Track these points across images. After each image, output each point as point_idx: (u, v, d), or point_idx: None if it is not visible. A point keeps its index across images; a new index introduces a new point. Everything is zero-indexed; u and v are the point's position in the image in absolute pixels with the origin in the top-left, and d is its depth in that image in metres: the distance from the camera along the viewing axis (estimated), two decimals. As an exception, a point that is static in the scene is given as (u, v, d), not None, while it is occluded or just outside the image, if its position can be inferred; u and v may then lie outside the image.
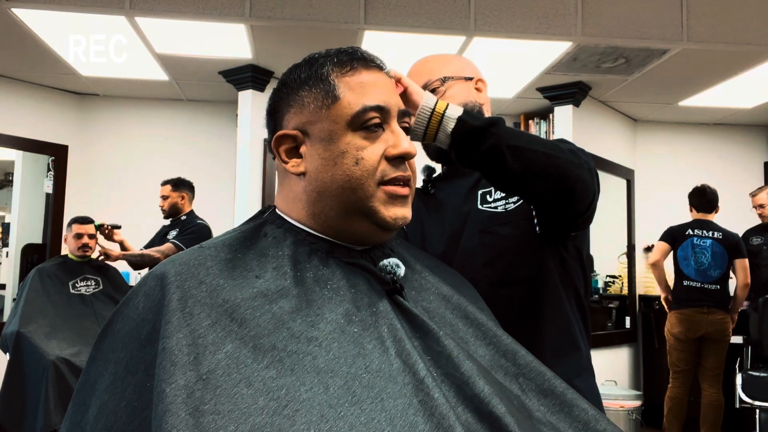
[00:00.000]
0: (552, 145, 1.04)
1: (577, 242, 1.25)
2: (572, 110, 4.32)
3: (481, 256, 1.20)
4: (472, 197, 1.26)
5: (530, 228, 1.18)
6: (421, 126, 1.03)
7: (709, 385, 3.96)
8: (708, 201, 4.08)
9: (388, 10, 3.25)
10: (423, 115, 1.02)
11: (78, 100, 4.75)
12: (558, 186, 1.02)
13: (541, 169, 1.00)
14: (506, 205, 1.21)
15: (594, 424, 0.79)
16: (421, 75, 1.27)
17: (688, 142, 5.15)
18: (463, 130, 1.00)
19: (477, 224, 1.22)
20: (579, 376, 1.17)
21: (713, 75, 3.94)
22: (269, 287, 0.75)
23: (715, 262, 3.96)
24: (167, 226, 3.97)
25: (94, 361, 0.77)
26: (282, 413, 0.63)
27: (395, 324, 0.77)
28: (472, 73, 1.31)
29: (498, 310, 1.03)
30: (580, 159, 1.06)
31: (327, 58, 0.87)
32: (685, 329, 3.94)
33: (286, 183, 0.89)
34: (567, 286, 1.22)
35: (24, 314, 3.23)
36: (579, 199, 1.07)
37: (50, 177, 4.64)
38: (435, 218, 1.31)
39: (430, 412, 0.68)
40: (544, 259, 1.19)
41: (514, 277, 1.19)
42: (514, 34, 3.30)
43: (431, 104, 1.02)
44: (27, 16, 3.24)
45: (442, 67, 1.29)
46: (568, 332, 1.20)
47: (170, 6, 3.15)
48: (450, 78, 1.26)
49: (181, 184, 3.94)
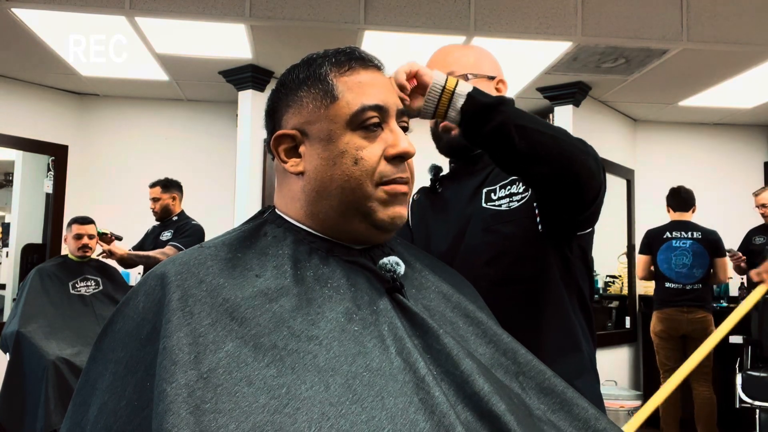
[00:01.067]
0: (560, 130, 1.04)
1: (583, 242, 1.24)
2: (572, 110, 4.32)
3: (483, 254, 1.19)
4: (477, 196, 1.25)
5: (533, 227, 1.17)
6: (431, 103, 1.02)
7: (698, 383, 4.02)
8: (684, 200, 4.14)
9: (388, 10, 3.25)
10: (434, 92, 1.01)
11: (78, 100, 4.75)
12: (562, 169, 1.02)
13: (546, 150, 1.00)
14: (510, 204, 1.20)
15: (594, 423, 0.79)
16: (444, 65, 1.25)
17: (688, 142, 5.15)
18: (473, 106, 1.00)
19: (480, 222, 1.22)
20: (580, 377, 1.16)
21: (713, 75, 3.94)
22: (269, 286, 0.75)
23: (697, 262, 4.03)
24: (158, 227, 3.98)
25: (95, 360, 0.77)
26: (283, 412, 0.64)
27: (395, 322, 0.77)
28: (495, 72, 1.30)
29: (499, 309, 1.02)
30: (586, 147, 1.06)
31: (325, 58, 0.87)
32: (666, 328, 4.05)
33: (285, 183, 0.89)
34: (570, 286, 1.21)
35: (24, 314, 3.23)
36: (583, 186, 1.05)
37: (50, 177, 4.65)
38: (441, 217, 1.30)
39: (430, 411, 0.68)
40: (546, 258, 1.18)
41: (516, 276, 1.18)
42: (514, 34, 3.30)
43: (441, 81, 1.01)
44: (27, 16, 3.24)
45: (465, 62, 1.28)
46: (570, 333, 1.19)
47: (170, 6, 3.15)
48: (473, 75, 1.25)
49: (170, 185, 3.94)
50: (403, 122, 0.90)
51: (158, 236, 3.91)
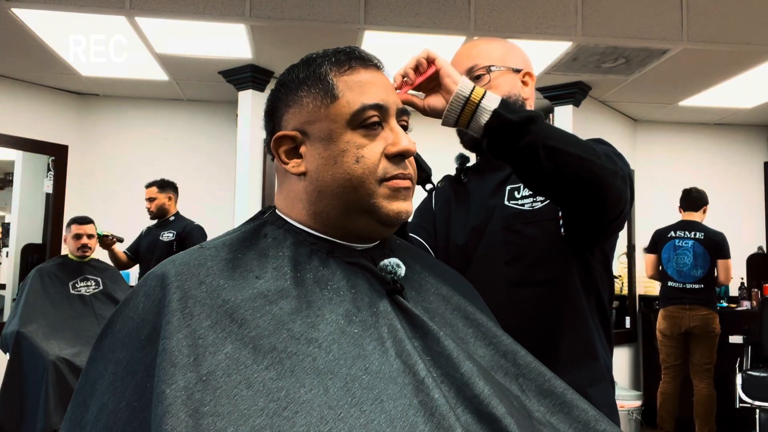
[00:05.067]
0: (590, 149, 0.98)
1: (606, 247, 1.21)
2: (572, 110, 4.32)
3: (502, 253, 1.17)
4: (500, 192, 1.22)
5: (555, 229, 1.14)
6: (454, 113, 0.98)
7: (699, 380, 4.06)
8: (693, 200, 4.18)
9: (388, 10, 3.25)
10: (457, 102, 0.97)
11: (78, 100, 4.75)
12: (589, 193, 0.98)
13: (574, 173, 0.96)
14: (533, 204, 1.17)
15: (594, 425, 0.79)
16: (468, 58, 1.22)
17: (688, 142, 5.14)
18: (499, 124, 0.96)
19: (501, 221, 1.19)
20: (594, 386, 1.13)
21: (713, 75, 3.94)
22: (269, 288, 0.75)
23: (698, 262, 4.05)
24: (155, 227, 4.00)
25: (94, 361, 0.77)
26: (282, 415, 0.63)
27: (395, 324, 0.77)
28: (522, 64, 1.26)
29: (515, 310, 1.00)
30: (616, 166, 1.01)
31: (325, 57, 0.87)
32: (669, 325, 4.09)
33: (285, 183, 0.89)
34: (589, 291, 1.18)
35: (24, 314, 3.23)
36: (609, 207, 1.02)
37: (50, 177, 4.64)
38: (462, 208, 1.28)
39: (430, 413, 0.68)
40: (567, 262, 1.15)
41: (534, 279, 1.16)
42: (514, 34, 3.30)
43: (467, 91, 0.97)
44: (27, 16, 3.24)
45: (490, 53, 1.23)
46: (586, 339, 1.16)
47: (170, 6, 3.15)
48: (497, 67, 1.21)
49: (166, 185, 3.98)
50: (403, 121, 0.90)
51: (158, 237, 3.91)
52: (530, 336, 0.89)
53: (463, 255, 1.22)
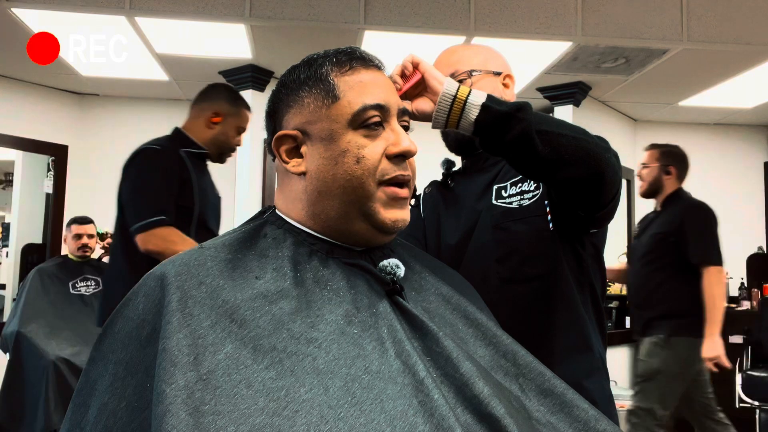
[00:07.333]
0: (580, 129, 1.01)
1: (596, 239, 1.22)
2: (572, 110, 4.32)
3: (493, 251, 1.18)
4: (488, 192, 1.24)
5: (544, 225, 1.16)
6: (442, 113, 0.99)
7: None
8: None
9: (388, 10, 3.25)
10: (444, 102, 0.98)
11: (78, 100, 4.74)
12: (589, 170, 0.99)
13: (571, 153, 0.97)
14: (521, 201, 1.19)
15: (594, 424, 0.79)
16: (448, 65, 1.23)
17: (688, 142, 5.10)
18: (489, 117, 0.96)
19: (490, 219, 1.20)
20: (590, 377, 1.15)
21: (713, 75, 3.94)
22: (269, 288, 0.75)
23: None
24: None
25: (94, 361, 0.77)
26: (282, 414, 0.63)
27: (395, 325, 0.77)
28: (501, 67, 1.27)
29: (509, 306, 1.01)
30: (607, 143, 1.03)
31: (326, 58, 0.87)
32: None
33: (286, 183, 0.89)
34: (582, 284, 1.19)
35: (24, 314, 3.24)
36: (608, 184, 1.03)
37: (50, 177, 4.64)
38: (452, 211, 1.29)
39: (429, 413, 0.68)
40: (557, 257, 1.17)
41: (526, 275, 1.17)
42: (514, 34, 3.30)
43: (452, 90, 0.98)
44: (27, 16, 3.24)
45: (470, 58, 1.25)
46: (581, 331, 1.18)
47: (170, 6, 3.15)
48: (477, 71, 1.23)
49: None
50: (404, 121, 0.90)
51: None
52: (525, 331, 0.90)
53: (454, 255, 1.24)
